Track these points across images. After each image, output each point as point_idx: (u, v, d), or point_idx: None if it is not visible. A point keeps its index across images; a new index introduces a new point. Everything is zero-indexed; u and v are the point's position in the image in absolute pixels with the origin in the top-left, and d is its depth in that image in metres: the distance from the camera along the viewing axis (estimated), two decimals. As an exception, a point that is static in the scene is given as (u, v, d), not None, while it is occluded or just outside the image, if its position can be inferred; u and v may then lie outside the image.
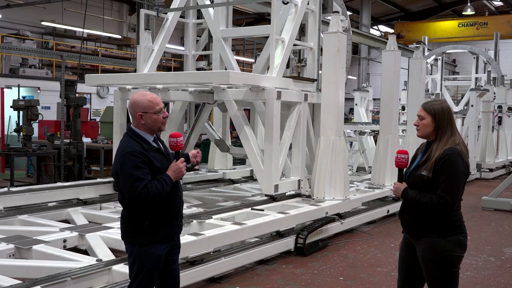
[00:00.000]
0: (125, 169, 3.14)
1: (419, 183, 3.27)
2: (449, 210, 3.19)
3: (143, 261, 3.25)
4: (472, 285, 5.52)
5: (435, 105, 3.33)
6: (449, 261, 3.23)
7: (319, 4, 7.99)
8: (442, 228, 3.23)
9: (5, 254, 4.85)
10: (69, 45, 20.77)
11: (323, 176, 7.44)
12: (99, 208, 7.43)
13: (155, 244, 3.26)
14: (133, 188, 3.11)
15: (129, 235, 3.31)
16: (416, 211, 3.29)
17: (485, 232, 8.05)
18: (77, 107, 11.26)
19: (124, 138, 3.31)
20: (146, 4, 11.27)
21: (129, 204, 3.25)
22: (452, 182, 3.17)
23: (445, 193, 3.15)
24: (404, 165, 3.40)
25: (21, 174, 13.04)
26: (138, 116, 3.25)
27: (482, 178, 14.76)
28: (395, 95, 9.58)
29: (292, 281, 5.46)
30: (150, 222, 3.23)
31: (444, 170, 3.17)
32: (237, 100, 7.28)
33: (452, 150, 3.20)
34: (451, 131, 3.28)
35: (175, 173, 3.27)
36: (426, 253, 3.27)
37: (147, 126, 3.27)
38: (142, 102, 3.25)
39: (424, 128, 3.34)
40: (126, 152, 3.17)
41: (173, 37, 9.86)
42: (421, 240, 3.30)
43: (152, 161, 3.20)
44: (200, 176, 9.74)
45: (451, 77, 22.78)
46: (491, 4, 29.22)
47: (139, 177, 3.11)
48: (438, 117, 3.29)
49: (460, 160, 3.19)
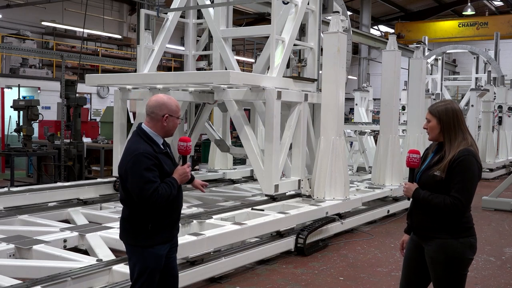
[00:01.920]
0: (137, 170, 3.12)
1: (431, 183, 3.22)
2: (463, 211, 3.15)
3: (145, 262, 3.25)
4: (472, 285, 5.51)
5: (439, 106, 3.31)
6: (460, 263, 3.19)
7: (319, 4, 7.99)
8: (454, 230, 3.18)
9: (5, 254, 4.85)
10: (69, 45, 20.78)
11: (323, 176, 7.44)
12: (100, 208, 7.43)
13: (156, 246, 3.26)
14: (144, 190, 3.10)
15: (130, 237, 3.30)
16: (427, 211, 3.24)
17: (485, 232, 8.05)
18: (77, 107, 11.26)
19: (134, 137, 3.28)
20: (146, 4, 11.28)
21: (133, 205, 3.23)
22: (467, 183, 3.13)
23: (460, 194, 3.11)
24: (416, 165, 3.35)
25: (22, 174, 13.04)
26: (165, 117, 3.25)
27: (482, 178, 14.60)
28: (395, 95, 9.58)
29: (292, 281, 5.46)
30: (153, 225, 3.23)
31: (459, 171, 3.13)
32: (237, 100, 7.28)
33: (467, 151, 3.16)
34: (461, 131, 3.23)
35: (181, 177, 3.28)
36: (436, 254, 3.21)
37: (166, 129, 3.28)
38: (171, 105, 3.28)
39: (432, 130, 3.31)
40: (139, 153, 3.15)
41: (173, 37, 9.87)
42: (431, 241, 3.24)
43: (162, 165, 3.21)
44: (201, 176, 9.73)
45: (451, 77, 22.77)
46: (491, 4, 29.21)
47: (151, 179, 3.11)
48: (442, 118, 3.25)
49: (475, 161, 3.16)
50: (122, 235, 3.36)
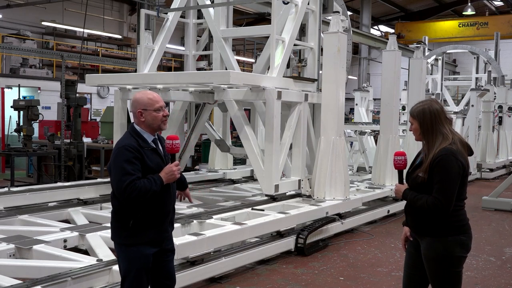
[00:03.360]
0: (118, 162, 3.16)
1: (417, 185, 3.27)
2: (445, 211, 3.18)
3: (130, 262, 3.23)
4: (472, 285, 5.51)
5: (418, 107, 3.32)
6: (450, 261, 3.23)
7: (319, 4, 7.99)
8: (443, 228, 3.23)
9: (6, 254, 4.85)
10: (69, 45, 20.78)
11: (324, 176, 7.44)
12: (100, 208, 7.42)
13: (141, 245, 3.22)
14: (120, 182, 3.12)
15: (115, 235, 3.30)
16: (417, 211, 3.30)
17: (485, 232, 8.05)
18: (77, 107, 11.26)
19: (124, 134, 3.34)
20: (147, 4, 11.29)
21: (117, 201, 3.25)
22: (445, 183, 3.15)
23: (439, 194, 3.15)
24: (402, 167, 3.41)
25: (22, 174, 13.05)
26: (138, 113, 3.27)
27: (482, 178, 14.75)
28: (395, 95, 9.58)
29: (293, 281, 5.46)
30: (135, 221, 3.20)
31: (438, 171, 3.16)
32: (238, 100, 7.28)
33: (445, 150, 3.17)
34: (439, 132, 3.22)
35: (167, 175, 3.23)
36: (427, 252, 3.28)
37: (147, 124, 3.27)
38: (142, 99, 3.28)
39: (415, 132, 3.35)
40: (121, 146, 3.19)
41: (174, 37, 9.86)
42: (423, 239, 3.31)
43: (145, 159, 3.19)
44: (201, 176, 9.74)
45: (451, 77, 22.76)
46: (491, 4, 29.20)
47: (129, 171, 3.11)
48: (420, 119, 3.28)
49: (453, 159, 3.16)
50: (111, 233, 3.37)
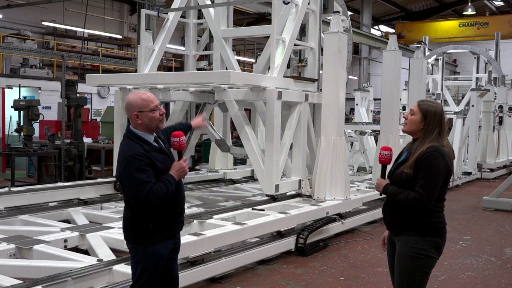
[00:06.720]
0: (129, 172, 3.12)
1: (401, 180, 3.27)
2: (424, 207, 3.18)
3: (148, 261, 3.25)
4: (473, 285, 5.52)
5: (430, 105, 3.32)
6: (425, 261, 3.25)
7: (319, 4, 7.99)
8: (422, 228, 3.24)
9: (6, 254, 4.85)
10: (70, 45, 20.79)
11: (324, 176, 7.44)
12: (100, 208, 7.43)
13: (159, 243, 3.26)
14: (138, 192, 3.10)
15: (133, 236, 3.30)
16: (397, 208, 3.30)
17: (486, 232, 8.05)
18: (77, 107, 11.26)
19: (124, 140, 3.28)
20: (147, 4, 11.30)
21: (133, 206, 3.24)
22: (430, 179, 3.16)
23: (422, 189, 3.15)
24: (387, 161, 3.42)
25: (22, 174, 13.05)
26: (134, 116, 3.23)
27: (483, 178, 14.75)
28: (395, 95, 9.57)
29: (293, 281, 5.46)
30: (155, 222, 3.24)
31: (424, 166, 3.17)
32: (238, 100, 7.28)
33: (433, 148, 3.19)
34: (438, 134, 3.26)
35: (178, 172, 3.26)
36: (403, 249, 3.28)
37: (145, 125, 3.24)
38: (136, 101, 3.23)
39: (411, 123, 3.34)
40: (129, 155, 3.15)
41: (174, 37, 9.86)
42: (400, 237, 3.32)
43: (155, 163, 3.19)
44: (201, 176, 9.74)
45: (452, 77, 22.75)
46: (492, 4, 29.20)
47: (144, 180, 3.10)
48: (429, 118, 3.28)
49: (441, 157, 3.18)
50: (125, 235, 3.37)
